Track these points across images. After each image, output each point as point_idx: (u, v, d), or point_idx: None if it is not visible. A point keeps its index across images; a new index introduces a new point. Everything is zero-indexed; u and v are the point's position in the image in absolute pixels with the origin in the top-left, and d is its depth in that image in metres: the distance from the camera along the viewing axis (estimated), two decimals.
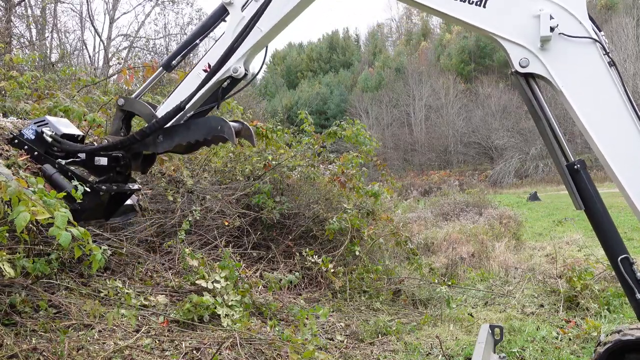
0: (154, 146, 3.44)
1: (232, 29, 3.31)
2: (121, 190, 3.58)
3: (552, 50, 2.90)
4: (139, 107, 3.54)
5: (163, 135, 3.39)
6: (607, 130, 2.88)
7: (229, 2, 3.34)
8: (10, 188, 2.47)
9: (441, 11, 3.07)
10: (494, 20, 2.98)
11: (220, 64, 3.28)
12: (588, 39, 2.86)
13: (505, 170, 41.87)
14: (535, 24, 2.88)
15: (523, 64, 2.94)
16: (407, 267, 7.69)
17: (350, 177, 7.72)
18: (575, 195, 2.96)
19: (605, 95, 2.87)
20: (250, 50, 3.35)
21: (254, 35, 3.29)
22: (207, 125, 3.34)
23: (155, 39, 25.07)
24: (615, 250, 2.97)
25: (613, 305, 6.20)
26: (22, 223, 2.44)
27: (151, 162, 3.76)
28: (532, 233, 13.42)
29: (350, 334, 5.31)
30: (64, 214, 2.59)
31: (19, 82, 5.24)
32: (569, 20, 2.87)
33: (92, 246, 2.84)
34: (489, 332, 3.80)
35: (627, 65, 44.03)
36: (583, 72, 2.89)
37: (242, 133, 3.58)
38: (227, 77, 3.37)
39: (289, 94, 61.05)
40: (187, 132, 3.37)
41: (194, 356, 4.09)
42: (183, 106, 3.30)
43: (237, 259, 6.19)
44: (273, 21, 3.28)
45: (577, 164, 2.97)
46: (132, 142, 3.39)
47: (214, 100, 3.45)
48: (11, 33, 11.77)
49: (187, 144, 3.40)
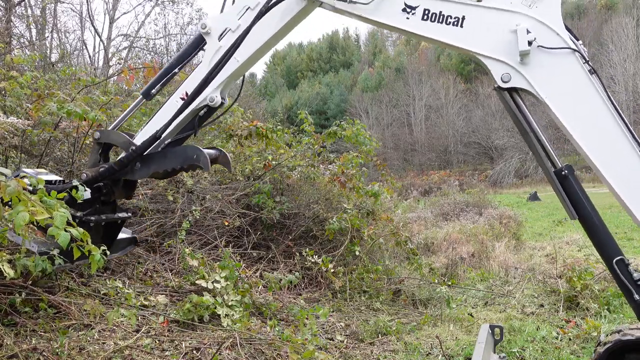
0: (132, 173, 3.51)
1: (209, 58, 3.38)
2: (111, 219, 3.64)
3: (533, 63, 2.95)
4: (115, 137, 3.61)
5: (141, 162, 3.47)
6: (593, 136, 2.92)
7: (206, 32, 3.42)
8: (10, 188, 2.47)
9: (421, 34, 3.13)
10: (472, 39, 3.03)
11: (196, 93, 3.33)
12: (567, 49, 2.91)
13: (505, 170, 41.87)
14: (513, 39, 2.93)
15: (505, 79, 2.99)
16: (407, 267, 7.69)
17: (350, 177, 7.72)
18: (567, 205, 3.00)
19: (589, 103, 2.91)
20: (227, 80, 3.44)
21: (231, 66, 3.36)
22: (183, 154, 3.43)
23: (155, 39, 25.09)
24: (610, 252, 2.98)
25: (613, 305, 6.20)
26: (21, 223, 2.45)
27: (133, 187, 3.81)
28: (532, 233, 13.41)
29: (350, 334, 5.31)
30: (62, 214, 2.59)
31: (19, 82, 5.24)
32: (546, 33, 2.92)
33: (91, 247, 2.84)
34: (489, 332, 3.80)
35: (627, 65, 44.04)
36: (565, 82, 2.94)
37: (218, 160, 3.69)
38: (203, 106, 3.44)
39: (289, 94, 61.04)
40: (164, 160, 3.47)
41: (194, 356, 4.09)
42: (159, 135, 3.38)
43: (237, 259, 6.19)
44: (249, 52, 3.36)
45: (564, 169, 3.01)
46: (112, 172, 3.47)
47: (191, 129, 3.53)
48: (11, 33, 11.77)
49: (163, 172, 3.49)
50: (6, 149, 5.21)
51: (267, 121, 10.70)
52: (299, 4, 3.31)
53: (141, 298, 4.79)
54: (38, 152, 5.54)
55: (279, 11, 3.30)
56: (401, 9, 3.12)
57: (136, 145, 3.44)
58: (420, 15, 3.10)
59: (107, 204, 3.62)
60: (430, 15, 3.08)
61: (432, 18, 3.08)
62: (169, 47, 24.15)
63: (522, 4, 2.96)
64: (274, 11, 3.28)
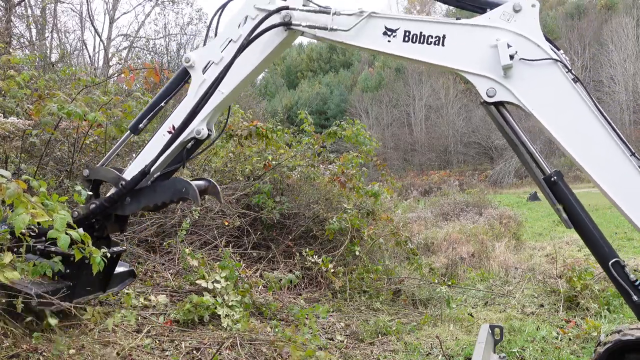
0: (122, 209, 3.55)
1: (194, 91, 3.43)
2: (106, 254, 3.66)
3: (516, 76, 2.98)
4: (104, 173, 3.65)
5: (130, 197, 3.51)
6: (581, 144, 2.95)
7: (190, 66, 3.47)
8: (10, 190, 2.47)
9: (403, 56, 3.16)
10: (454, 57, 3.07)
11: (183, 126, 3.37)
12: (549, 60, 2.94)
13: (505, 170, 41.84)
14: (495, 54, 2.96)
15: (490, 93, 3.03)
16: (407, 267, 7.69)
17: (350, 177, 7.72)
18: (561, 215, 3.03)
19: (574, 111, 2.95)
20: (213, 112, 3.49)
21: (216, 98, 3.40)
22: (172, 188, 3.48)
23: (155, 39, 25.10)
24: (605, 255, 2.99)
25: (613, 305, 6.20)
26: (21, 225, 2.45)
27: (125, 221, 3.84)
28: (532, 233, 13.42)
29: (350, 334, 5.31)
30: (63, 216, 2.59)
31: (17, 82, 5.24)
32: (527, 45, 2.95)
33: (91, 249, 2.84)
34: (489, 332, 3.81)
35: (627, 65, 44.03)
36: (549, 92, 2.97)
37: (208, 191, 3.76)
38: (191, 139, 3.49)
39: (289, 94, 61.00)
40: (154, 194, 3.51)
41: (194, 356, 4.09)
42: (148, 170, 3.41)
43: (237, 259, 6.20)
44: (233, 84, 3.41)
45: (553, 175, 3.04)
46: (102, 209, 3.50)
47: (179, 161, 3.58)
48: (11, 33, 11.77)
49: (153, 206, 3.55)
50: (6, 149, 5.20)
51: (267, 121, 10.70)
52: (280, 35, 3.35)
53: (141, 298, 4.79)
54: (38, 153, 5.54)
55: (260, 43, 3.34)
56: (382, 32, 3.17)
57: (125, 180, 3.49)
58: (402, 37, 3.14)
59: (101, 239, 3.65)
60: (411, 36, 3.12)
61: (413, 39, 3.12)
62: (169, 47, 24.17)
63: (500, 19, 2.99)
64: (256, 43, 3.31)
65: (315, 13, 3.25)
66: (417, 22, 3.13)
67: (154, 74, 6.25)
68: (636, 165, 2.90)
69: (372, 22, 3.19)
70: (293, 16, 3.27)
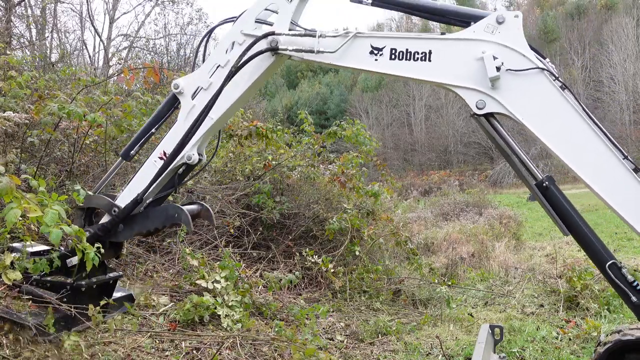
0: (115, 236, 3.58)
1: (184, 117, 3.48)
2: (102, 280, 3.70)
3: (504, 87, 3.00)
4: (97, 201, 3.68)
5: (124, 224, 3.54)
6: (573, 150, 2.97)
7: (179, 92, 3.51)
8: (2, 184, 2.45)
9: (391, 74, 3.20)
10: (442, 71, 3.09)
11: (175, 154, 3.43)
12: (535, 69, 2.96)
13: (505, 170, 41.80)
14: (481, 66, 2.98)
15: (480, 105, 3.05)
16: (407, 267, 7.69)
17: (350, 177, 7.72)
18: (557, 221, 3.05)
19: (564, 118, 2.97)
20: (203, 138, 3.52)
21: (206, 124, 3.44)
22: (164, 214, 3.53)
23: (155, 39, 25.09)
24: (601, 258, 3.00)
25: (613, 305, 6.20)
26: (12, 219, 2.43)
27: (120, 247, 3.87)
28: (532, 233, 13.42)
29: (350, 334, 5.31)
30: (54, 211, 2.58)
31: (18, 83, 5.24)
32: (513, 56, 2.97)
33: (85, 245, 2.83)
34: (489, 332, 3.81)
35: (627, 65, 44.03)
36: (537, 101, 2.99)
37: (201, 215, 3.80)
38: (182, 164, 3.53)
39: (289, 94, 60.99)
40: (146, 220, 3.56)
41: (194, 356, 4.09)
42: (140, 199, 3.46)
43: (237, 259, 6.19)
44: (222, 109, 3.44)
45: (545, 181, 3.07)
46: (96, 238, 3.51)
47: (171, 186, 3.63)
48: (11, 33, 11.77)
49: (146, 232, 3.61)
50: (6, 149, 5.20)
51: (267, 121, 10.70)
52: (267, 60, 3.38)
53: (141, 298, 4.79)
54: (38, 153, 5.54)
55: (249, 68, 3.36)
56: (368, 52, 3.19)
57: (119, 207, 3.53)
58: (388, 55, 3.16)
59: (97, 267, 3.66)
60: (398, 54, 3.14)
61: (399, 56, 3.14)
62: (169, 47, 24.17)
63: (484, 32, 3.02)
64: (244, 69, 3.34)
65: (301, 37, 3.28)
66: (403, 40, 3.16)
67: (153, 73, 6.24)
68: (629, 168, 2.92)
69: (358, 42, 3.21)
70: (280, 41, 3.29)
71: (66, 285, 3.42)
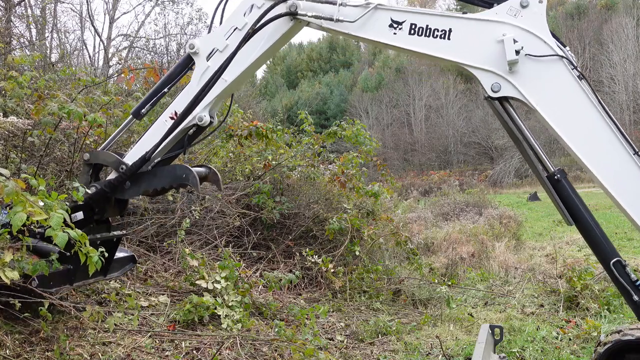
0: (122, 193, 3.55)
1: (197, 78, 3.42)
2: (106, 237, 3.67)
3: (521, 72, 2.97)
4: (104, 157, 3.64)
5: (131, 181, 3.50)
6: (584, 140, 2.95)
7: (194, 52, 3.46)
8: (8, 188, 2.46)
9: (409, 49, 3.16)
10: (460, 51, 3.06)
11: (185, 113, 3.37)
12: (554, 56, 2.93)
13: (505, 170, 41.84)
14: (500, 49, 2.95)
15: (495, 88, 3.01)
16: (407, 267, 7.69)
17: (350, 177, 7.72)
18: (563, 211, 3.01)
19: (579, 108, 2.94)
20: (215, 100, 3.48)
21: (219, 86, 3.39)
22: (172, 174, 3.47)
23: (155, 39, 25.06)
24: (607, 255, 2.99)
25: (613, 305, 6.20)
26: (18, 223, 2.44)
27: (125, 205, 3.83)
28: (532, 233, 13.41)
29: (350, 334, 5.31)
30: (59, 215, 2.59)
31: (19, 82, 5.24)
32: (533, 41, 2.94)
33: (89, 248, 2.84)
34: (489, 332, 3.81)
35: (627, 65, 44.00)
36: (554, 89, 2.96)
37: (208, 178, 3.74)
38: (192, 125, 3.48)
39: (289, 94, 60.99)
40: (153, 179, 3.51)
41: (194, 356, 4.09)
42: (149, 157, 3.42)
43: (237, 259, 6.19)
44: (237, 72, 3.40)
45: (557, 174, 3.02)
46: (102, 194, 3.50)
47: (180, 147, 3.58)
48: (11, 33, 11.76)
49: (153, 191, 3.54)
50: (6, 149, 5.20)
51: (267, 121, 10.70)
52: (285, 25, 3.35)
53: (141, 298, 4.79)
54: (38, 153, 5.54)
55: (266, 32, 3.33)
56: (388, 24, 3.15)
57: (126, 165, 3.49)
58: (407, 30, 3.13)
59: (101, 223, 3.65)
60: (417, 29, 3.11)
61: (419, 32, 3.11)
62: (169, 47, 24.13)
63: (507, 14, 2.98)
64: (261, 32, 3.31)
65: (321, 3, 3.24)
66: (424, 15, 3.12)
67: (153, 74, 6.25)
68: (639, 163, 2.88)
69: (378, 14, 3.18)
70: (299, 6, 3.26)
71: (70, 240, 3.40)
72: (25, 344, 3.52)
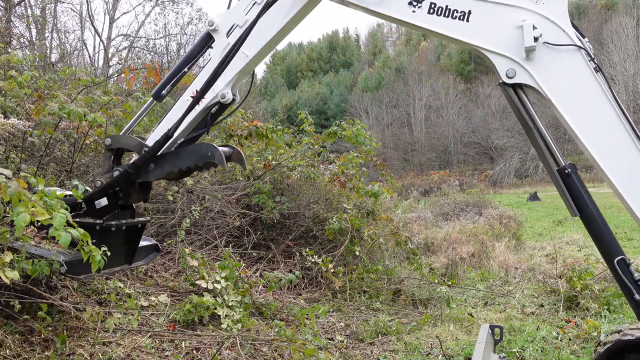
0: (146, 175, 3.46)
1: (217, 55, 3.36)
2: (131, 223, 3.61)
3: (538, 59, 2.93)
4: (126, 141, 3.57)
5: (154, 163, 3.43)
6: (595, 133, 2.91)
7: (214, 29, 3.39)
8: (10, 189, 2.46)
9: (426, 28, 3.11)
10: (478, 33, 3.02)
11: (205, 88, 3.31)
12: (572, 46, 2.90)
13: (505, 170, 41.88)
14: (519, 34, 2.92)
15: (510, 74, 2.98)
16: (407, 267, 7.69)
17: (350, 177, 7.72)
18: (569, 202, 2.99)
19: (593, 100, 2.90)
20: (237, 76, 3.41)
21: (240, 61, 3.33)
22: (197, 152, 3.39)
23: (155, 39, 25.07)
24: (612, 252, 2.98)
25: (613, 305, 6.20)
26: (21, 224, 2.44)
27: (148, 190, 3.74)
28: (532, 233, 13.41)
29: (350, 334, 5.31)
30: (62, 215, 2.58)
31: (18, 82, 5.24)
32: (552, 29, 2.91)
33: (91, 247, 2.84)
34: (489, 332, 3.81)
35: (627, 65, 44.03)
36: (569, 79, 2.93)
37: (232, 157, 3.64)
38: (215, 103, 3.42)
39: (289, 94, 61.05)
40: (178, 159, 3.42)
41: (194, 356, 4.09)
42: (171, 134, 3.35)
43: (237, 259, 6.20)
44: (258, 46, 3.34)
45: (567, 168, 2.99)
46: (126, 175, 3.42)
47: (203, 127, 3.50)
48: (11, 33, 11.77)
49: (178, 171, 3.44)
50: (6, 149, 5.20)
51: (267, 121, 10.71)
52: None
53: (141, 298, 4.80)
54: (38, 153, 5.54)
55: (286, 4, 3.27)
56: (407, 2, 3.10)
57: (148, 146, 3.42)
58: (427, 8, 3.08)
59: (126, 209, 3.59)
60: (437, 9, 3.06)
61: (438, 12, 3.06)
62: (169, 47, 24.15)
63: (529, 0, 2.94)
64: (282, 3, 3.25)
65: None
66: None
67: (154, 74, 6.24)
68: None
69: None
70: None
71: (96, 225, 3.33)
72: (25, 344, 3.52)
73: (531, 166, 41.39)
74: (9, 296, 3.61)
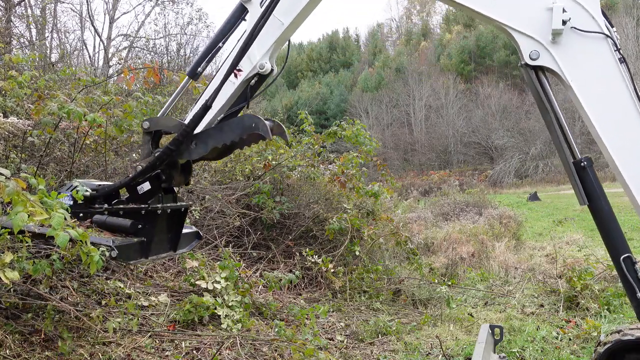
0: (188, 153, 3.34)
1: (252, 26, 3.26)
2: (175, 207, 3.52)
3: (563, 43, 2.88)
4: (164, 122, 3.45)
5: (197, 141, 3.31)
6: (612, 125, 2.87)
7: (247, 0, 3.29)
8: (9, 188, 2.45)
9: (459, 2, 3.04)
10: (506, 11, 2.96)
11: (238, 58, 3.22)
12: (600, 34, 2.84)
13: (505, 170, 41.84)
14: (547, 16, 2.86)
15: (533, 56, 2.93)
16: (407, 267, 7.69)
17: (350, 177, 7.72)
18: (580, 191, 2.94)
19: (614, 91, 2.86)
20: (274, 45, 3.32)
21: (276, 30, 3.25)
22: (240, 124, 3.26)
23: (155, 39, 25.04)
24: (618, 249, 2.98)
25: (613, 305, 6.20)
26: (19, 224, 2.43)
27: (190, 171, 3.61)
28: (532, 233, 13.41)
29: (350, 334, 5.31)
30: (60, 215, 2.57)
31: (18, 82, 5.24)
32: (582, 15, 2.85)
33: (90, 248, 2.83)
34: (489, 332, 3.81)
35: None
36: (593, 67, 2.88)
37: (275, 130, 3.50)
38: (254, 75, 3.32)
39: (289, 94, 61.01)
40: (221, 134, 3.30)
41: (194, 356, 4.09)
42: (210, 104, 3.24)
43: (237, 259, 6.20)
44: (293, 13, 3.25)
45: (583, 161, 2.95)
46: (168, 153, 3.29)
47: (243, 100, 3.39)
48: (11, 33, 11.76)
49: (222, 147, 3.33)
50: (6, 149, 5.20)
51: None
52: None
53: (141, 298, 4.80)
54: (38, 153, 5.54)
55: None
56: None
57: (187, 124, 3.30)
58: None
59: (168, 193, 3.48)
60: None
61: None
62: (169, 47, 24.12)
63: None
64: None
65: None
66: None
67: (154, 74, 6.24)
68: None
69: None
70: None
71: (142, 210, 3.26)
72: (25, 344, 3.52)
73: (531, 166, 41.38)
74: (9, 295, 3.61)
